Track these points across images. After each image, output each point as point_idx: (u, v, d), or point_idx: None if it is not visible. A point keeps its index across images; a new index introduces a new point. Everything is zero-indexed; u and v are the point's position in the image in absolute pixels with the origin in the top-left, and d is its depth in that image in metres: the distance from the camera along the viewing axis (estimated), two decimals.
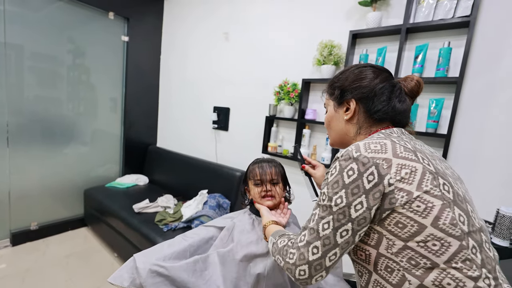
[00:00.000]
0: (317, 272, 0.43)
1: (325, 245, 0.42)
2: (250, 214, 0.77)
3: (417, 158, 0.42)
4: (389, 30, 1.15)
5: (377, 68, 0.54)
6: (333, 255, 0.42)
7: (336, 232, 0.42)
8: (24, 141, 1.71)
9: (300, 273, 0.44)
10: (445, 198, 0.40)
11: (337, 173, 0.44)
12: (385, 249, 0.42)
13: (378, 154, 0.42)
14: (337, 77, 0.57)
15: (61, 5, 1.76)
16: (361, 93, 0.51)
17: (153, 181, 2.19)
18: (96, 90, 2.02)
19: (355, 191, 0.41)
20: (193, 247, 0.70)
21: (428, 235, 0.38)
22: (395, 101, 0.51)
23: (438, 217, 0.38)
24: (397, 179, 0.40)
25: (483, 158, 1.03)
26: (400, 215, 0.40)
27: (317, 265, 0.43)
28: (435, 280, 0.38)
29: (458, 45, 1.05)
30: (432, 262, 0.39)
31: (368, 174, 0.41)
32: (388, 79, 0.52)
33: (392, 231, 0.41)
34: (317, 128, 1.46)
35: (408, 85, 0.54)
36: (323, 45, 1.31)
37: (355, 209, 0.41)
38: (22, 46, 1.64)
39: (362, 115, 0.52)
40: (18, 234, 1.73)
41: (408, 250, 0.40)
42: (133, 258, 0.64)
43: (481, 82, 1.01)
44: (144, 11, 2.15)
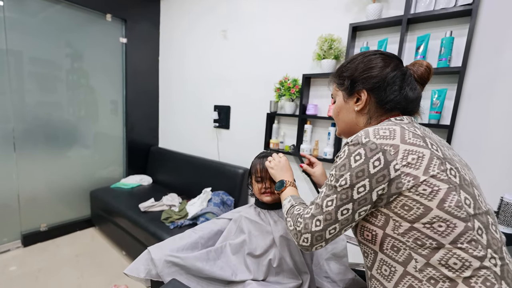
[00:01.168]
0: (317, 242, 0.48)
1: (327, 220, 0.46)
2: (256, 207, 0.79)
3: (425, 144, 0.42)
4: (390, 22, 1.13)
5: (386, 55, 0.52)
6: (333, 229, 0.46)
7: (337, 210, 0.45)
8: (30, 146, 1.74)
9: (304, 240, 0.48)
10: (451, 182, 0.41)
11: (345, 157, 0.46)
12: (391, 230, 0.43)
13: (386, 140, 0.42)
14: (345, 66, 0.55)
15: (59, 9, 1.76)
16: (372, 83, 0.51)
17: (156, 181, 2.21)
18: (96, 93, 2.03)
19: (359, 175, 0.43)
20: (203, 239, 0.74)
21: (433, 217, 0.40)
22: (407, 90, 0.50)
23: (443, 199, 0.39)
24: (403, 164, 0.41)
25: (487, 147, 1.02)
26: (406, 198, 0.41)
27: (318, 236, 0.47)
28: (441, 260, 0.39)
29: (460, 35, 1.03)
30: (438, 242, 0.40)
31: (374, 160, 0.42)
32: (398, 66, 0.51)
33: (399, 213, 0.42)
34: (319, 123, 1.46)
35: (417, 71, 0.52)
36: (323, 39, 1.30)
37: (357, 191, 0.43)
38: (21, 52, 1.65)
39: (373, 105, 0.52)
40: (29, 235, 1.78)
41: (414, 231, 0.41)
42: (148, 251, 0.67)
43: (484, 71, 1.00)
44: (141, 12, 2.14)
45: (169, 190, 1.98)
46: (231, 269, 0.67)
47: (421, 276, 0.40)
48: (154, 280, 0.66)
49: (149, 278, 0.66)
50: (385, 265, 0.45)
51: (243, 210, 0.80)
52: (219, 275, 0.64)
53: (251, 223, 0.73)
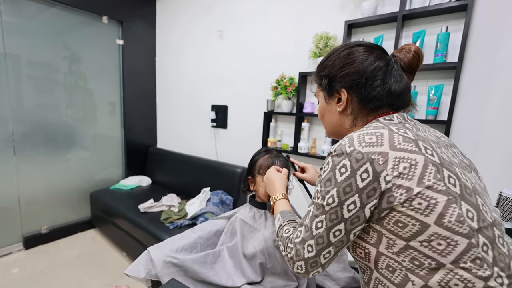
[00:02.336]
0: (313, 269, 0.43)
1: (319, 244, 0.41)
2: (251, 207, 0.78)
3: (418, 148, 0.38)
4: (385, 18, 1.13)
5: (367, 45, 0.47)
6: (327, 253, 0.42)
7: (329, 232, 0.40)
8: (29, 149, 1.75)
9: (298, 267, 0.44)
10: (450, 193, 0.36)
11: (329, 169, 0.41)
12: (385, 248, 0.39)
13: (373, 148, 0.38)
14: (323, 63, 0.50)
15: (55, 11, 1.76)
16: (350, 81, 0.46)
17: (155, 181, 2.22)
18: (94, 95, 2.04)
19: (347, 190, 0.38)
20: (202, 239, 0.74)
21: (432, 234, 0.35)
22: (390, 83, 0.45)
23: (442, 214, 0.35)
24: (395, 175, 0.36)
25: (484, 142, 1.02)
26: (400, 214, 0.36)
27: (313, 262, 0.42)
28: (441, 281, 0.35)
29: (456, 30, 1.02)
30: (437, 262, 0.35)
31: (362, 172, 0.37)
32: (380, 56, 0.46)
33: (392, 230, 0.38)
34: (316, 121, 1.45)
35: (404, 58, 0.46)
36: (319, 37, 1.30)
37: (347, 209, 0.39)
38: (19, 55, 1.66)
39: (355, 104, 0.47)
40: (30, 238, 1.79)
41: (410, 250, 0.37)
42: (148, 251, 0.67)
43: (481, 66, 1.00)
44: (137, 13, 2.14)
45: (168, 190, 1.99)
46: (227, 274, 0.66)
47: None
48: (155, 280, 0.66)
49: (150, 278, 0.66)
50: (381, 285, 0.41)
51: (239, 211, 0.79)
52: (214, 280, 0.64)
53: (244, 225, 0.72)
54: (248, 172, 0.80)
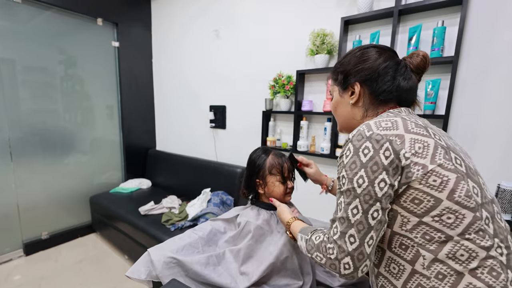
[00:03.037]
0: (360, 262, 0.41)
1: (360, 231, 0.41)
2: (259, 209, 0.76)
3: (428, 133, 0.42)
4: (381, 14, 1.13)
5: (380, 47, 0.52)
6: (370, 239, 0.41)
7: (367, 215, 0.41)
8: (27, 155, 1.73)
9: (345, 266, 0.42)
10: (458, 171, 0.40)
11: (352, 153, 0.43)
12: (399, 227, 0.42)
13: (390, 131, 0.41)
14: (340, 62, 0.56)
15: (49, 15, 1.75)
16: (364, 75, 0.50)
17: (156, 184, 2.21)
18: (91, 98, 2.02)
19: (374, 168, 0.40)
20: (203, 239, 0.73)
21: (443, 209, 0.39)
22: (399, 80, 0.49)
23: (453, 190, 0.39)
24: (412, 153, 0.40)
25: (482, 136, 1.02)
26: (417, 191, 0.40)
27: (359, 254, 0.41)
28: (449, 253, 0.39)
29: (452, 24, 1.03)
30: (446, 235, 0.39)
31: (384, 150, 0.40)
32: (392, 57, 0.51)
33: (408, 207, 0.41)
34: (315, 119, 1.45)
35: (414, 61, 0.51)
36: (315, 34, 1.29)
37: (379, 187, 0.40)
38: (14, 60, 1.64)
39: (367, 97, 0.51)
40: (30, 244, 1.78)
41: (422, 226, 0.40)
42: (148, 253, 0.66)
43: (477, 59, 1.00)
44: (132, 15, 2.12)
45: (168, 192, 1.98)
46: (231, 276, 0.65)
47: (429, 273, 0.40)
48: (156, 281, 0.66)
49: (151, 280, 0.66)
50: (394, 263, 0.44)
51: (245, 213, 0.76)
52: (217, 281, 0.63)
53: (257, 229, 0.70)
54: (254, 175, 0.76)
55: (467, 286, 0.38)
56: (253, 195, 0.80)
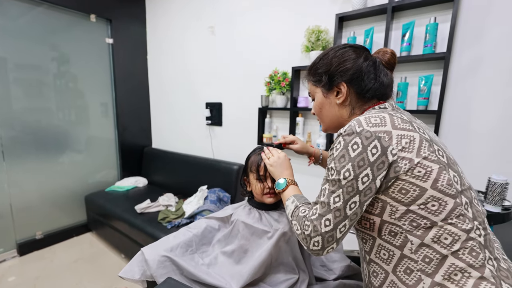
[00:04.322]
0: (329, 244, 0.46)
1: (336, 217, 0.45)
2: (251, 208, 0.75)
3: (413, 128, 0.45)
4: (375, 10, 1.14)
5: (355, 47, 0.55)
6: (343, 226, 0.45)
7: (346, 205, 0.44)
8: (20, 154, 1.70)
9: (314, 244, 0.47)
10: (441, 162, 0.43)
11: (342, 147, 0.45)
12: (388, 216, 0.45)
13: (379, 128, 0.44)
14: (318, 63, 0.56)
15: (40, 11, 1.71)
16: (350, 75, 0.52)
17: (152, 182, 2.20)
18: (85, 96, 1.99)
19: (360, 164, 0.43)
20: (197, 237, 0.72)
21: (428, 197, 0.42)
22: (381, 77, 0.53)
23: (436, 179, 0.42)
24: (399, 149, 0.42)
25: (474, 131, 1.04)
26: (404, 182, 0.43)
27: (329, 236, 0.45)
28: (434, 237, 0.42)
29: (444, 20, 1.04)
30: (431, 221, 0.42)
31: (371, 147, 0.43)
32: (368, 56, 0.54)
33: (396, 197, 0.44)
34: (310, 115, 1.46)
35: (384, 58, 0.55)
36: (310, 31, 1.30)
37: (362, 181, 0.43)
38: (5, 58, 1.61)
39: (353, 96, 0.53)
40: (24, 244, 1.75)
41: (410, 214, 0.43)
42: (141, 252, 0.65)
43: (469, 55, 1.02)
44: (126, 11, 2.09)
45: (165, 190, 1.97)
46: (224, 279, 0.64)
47: (416, 256, 0.43)
48: (150, 281, 0.65)
49: (145, 279, 0.65)
50: (384, 250, 0.47)
51: (237, 212, 0.75)
52: (210, 282, 0.63)
53: (246, 227, 0.69)
54: (243, 172, 0.78)
55: (450, 267, 0.41)
56: (248, 193, 0.79)
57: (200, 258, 0.67)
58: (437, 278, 0.41)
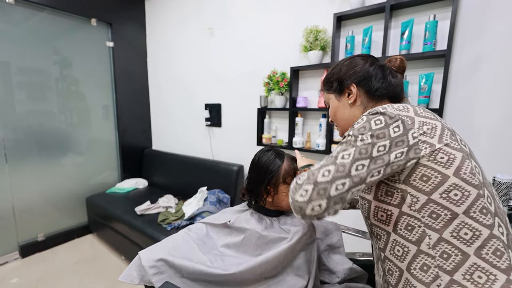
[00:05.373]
0: (317, 198, 0.41)
1: (338, 171, 0.41)
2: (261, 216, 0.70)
3: (435, 117, 0.45)
4: (374, 9, 1.13)
5: (363, 55, 0.59)
6: (341, 184, 0.41)
7: (353, 163, 0.41)
8: (22, 156, 1.72)
9: (302, 194, 0.42)
10: (464, 151, 0.42)
11: (364, 122, 0.45)
12: (408, 207, 0.43)
13: (403, 112, 0.44)
14: (330, 73, 0.61)
15: (43, 16, 1.74)
16: (358, 77, 0.55)
17: (152, 183, 2.20)
18: (87, 99, 2.02)
19: (380, 136, 0.42)
20: (199, 241, 0.68)
21: (450, 185, 0.40)
22: (389, 77, 0.55)
23: (459, 167, 0.41)
24: (420, 133, 0.42)
25: (476, 129, 1.02)
26: (426, 168, 0.41)
27: (322, 189, 0.41)
28: (453, 231, 0.40)
29: (443, 18, 1.03)
30: (452, 212, 0.40)
31: (394, 126, 0.43)
32: (375, 62, 0.57)
33: (417, 186, 0.42)
34: (310, 115, 1.45)
35: (394, 63, 0.58)
36: (308, 30, 1.29)
37: (377, 149, 0.42)
38: (8, 62, 1.64)
39: (364, 96, 0.55)
40: (26, 246, 1.77)
41: (431, 204, 0.41)
42: (138, 256, 0.64)
43: (470, 53, 1.00)
44: (126, 14, 2.12)
45: (165, 191, 1.98)
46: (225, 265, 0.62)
47: (434, 252, 0.41)
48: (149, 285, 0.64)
49: (144, 284, 0.64)
50: (398, 246, 0.45)
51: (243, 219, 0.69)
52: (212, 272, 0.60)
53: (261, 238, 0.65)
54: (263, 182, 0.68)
55: (472, 266, 0.39)
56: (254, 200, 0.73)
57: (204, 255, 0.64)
58: (457, 276, 0.39)
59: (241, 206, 0.77)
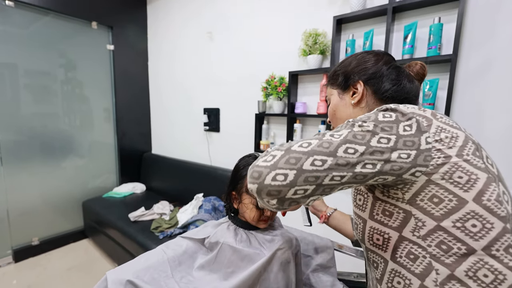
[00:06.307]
0: (286, 166, 0.31)
1: (321, 146, 0.32)
2: (236, 228, 0.65)
3: (458, 126, 0.37)
4: (375, 12, 1.08)
5: (377, 52, 0.51)
6: (321, 161, 0.31)
7: (343, 144, 0.33)
8: (20, 159, 1.72)
9: (267, 158, 0.33)
10: (490, 172, 0.34)
11: (370, 114, 0.37)
12: (410, 231, 0.35)
13: (419, 112, 0.36)
14: (339, 65, 0.54)
15: (48, 20, 1.76)
16: (368, 74, 0.48)
17: (150, 188, 2.17)
18: (88, 101, 2.02)
19: (386, 128, 0.34)
20: (174, 261, 0.62)
21: (468, 213, 0.32)
22: (404, 81, 0.47)
23: (482, 191, 0.32)
24: (436, 139, 0.34)
25: (486, 137, 0.95)
26: (438, 187, 0.33)
27: (294, 157, 0.31)
28: (468, 270, 0.32)
29: (449, 20, 0.97)
30: (468, 247, 0.32)
31: (406, 125, 0.34)
32: (391, 61, 0.49)
33: (424, 207, 0.34)
34: (308, 121, 1.40)
35: (413, 69, 0.50)
36: (307, 34, 1.25)
37: (378, 140, 0.33)
38: (16, 64, 1.66)
39: (370, 97, 0.48)
40: (20, 250, 1.74)
41: (440, 232, 0.33)
42: (105, 277, 0.59)
43: (477, 57, 0.94)
44: (127, 18, 2.12)
45: (162, 197, 1.94)
46: None
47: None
48: None
49: None
50: (398, 277, 0.37)
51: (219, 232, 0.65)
52: None
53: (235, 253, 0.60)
54: (232, 185, 0.65)
55: None
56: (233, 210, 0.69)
57: (177, 284, 0.59)
58: None
59: (223, 219, 0.72)
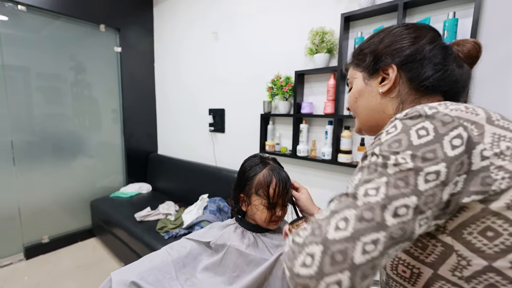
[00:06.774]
0: (334, 268, 0.23)
1: (361, 219, 0.24)
2: (244, 231, 0.64)
3: None
4: (385, 8, 1.04)
5: (419, 26, 0.40)
6: (372, 243, 0.23)
7: (388, 204, 0.24)
8: (32, 159, 1.76)
9: (305, 260, 0.24)
10: None
11: (398, 131, 0.28)
12: (450, 271, 0.28)
13: (466, 115, 0.28)
14: (367, 42, 0.43)
15: (58, 24, 1.81)
16: (404, 56, 0.37)
17: (156, 188, 2.19)
18: (97, 103, 2.06)
19: (429, 156, 0.25)
20: (178, 263, 0.62)
21: None
22: (452, 66, 0.37)
23: None
24: (494, 152, 0.26)
25: None
26: (496, 218, 0.26)
27: (339, 252, 0.23)
28: None
29: (465, 15, 0.92)
30: None
31: (452, 137, 0.26)
32: (436, 39, 0.38)
33: (473, 243, 0.27)
34: (315, 122, 1.37)
35: (463, 49, 0.39)
36: (314, 32, 1.22)
37: (425, 178, 0.25)
38: (28, 67, 1.71)
39: (405, 85, 0.38)
40: (31, 248, 1.79)
41: (491, 274, 0.26)
42: (110, 278, 0.59)
43: (496, 53, 0.89)
44: (134, 20, 2.15)
45: (167, 197, 1.95)
46: None
47: None
48: None
49: None
50: None
51: (226, 234, 0.64)
52: None
53: (241, 256, 0.59)
54: (239, 187, 0.65)
55: None
56: (240, 213, 0.68)
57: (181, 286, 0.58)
58: None
59: (229, 220, 0.71)
